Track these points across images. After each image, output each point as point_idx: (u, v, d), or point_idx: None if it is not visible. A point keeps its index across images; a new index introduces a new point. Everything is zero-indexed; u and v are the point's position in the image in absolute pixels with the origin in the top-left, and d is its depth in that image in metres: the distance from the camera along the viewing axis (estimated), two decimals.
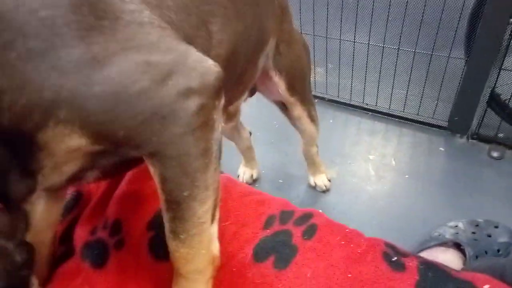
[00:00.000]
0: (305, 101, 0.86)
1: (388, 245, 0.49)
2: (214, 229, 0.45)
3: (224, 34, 0.50)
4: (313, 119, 0.92)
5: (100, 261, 0.51)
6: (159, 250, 0.50)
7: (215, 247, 0.45)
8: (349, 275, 0.44)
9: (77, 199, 0.62)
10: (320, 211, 0.57)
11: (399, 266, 0.45)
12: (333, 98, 1.48)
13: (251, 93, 0.85)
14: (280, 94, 0.80)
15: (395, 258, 0.45)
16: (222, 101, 0.42)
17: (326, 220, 0.53)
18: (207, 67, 0.39)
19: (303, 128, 0.94)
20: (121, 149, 0.39)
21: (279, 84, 0.78)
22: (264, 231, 0.51)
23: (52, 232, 0.51)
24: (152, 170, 0.39)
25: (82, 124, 0.34)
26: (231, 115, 1.01)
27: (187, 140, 0.37)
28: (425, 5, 1.15)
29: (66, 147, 0.35)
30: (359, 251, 0.46)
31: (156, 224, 0.54)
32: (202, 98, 0.38)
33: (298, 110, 0.86)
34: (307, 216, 0.53)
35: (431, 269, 0.46)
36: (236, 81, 0.61)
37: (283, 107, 0.88)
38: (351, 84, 1.41)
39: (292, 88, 0.80)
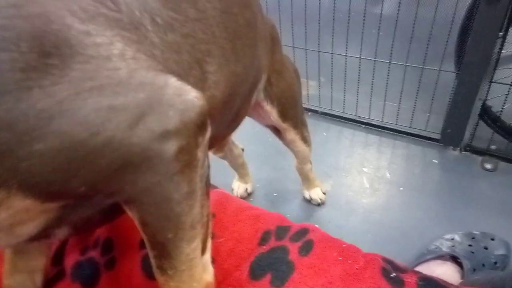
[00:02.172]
0: (298, 125, 0.86)
1: (386, 260, 0.48)
2: (206, 257, 0.42)
3: (221, 75, 0.47)
4: (306, 140, 0.92)
5: (91, 281, 0.50)
6: (152, 269, 0.49)
7: (209, 274, 0.43)
8: None
9: None
10: (316, 225, 0.57)
11: (398, 282, 0.44)
12: (326, 111, 1.49)
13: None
14: (272, 120, 0.80)
15: (394, 274, 0.45)
16: (208, 135, 0.38)
17: (322, 235, 0.52)
18: (187, 102, 0.34)
19: (296, 150, 0.94)
20: (88, 202, 0.35)
21: (271, 112, 0.77)
22: (260, 247, 0.50)
23: (44, 260, 0.50)
24: (129, 214, 0.36)
25: (22, 187, 0.28)
26: (221, 147, 1.01)
27: (166, 186, 0.34)
28: (415, 20, 1.16)
29: (7, 209, 0.30)
30: (357, 267, 0.45)
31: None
32: (182, 139, 0.33)
33: (291, 135, 0.86)
34: (303, 231, 0.52)
35: (430, 285, 0.45)
36: (230, 120, 0.59)
37: (276, 130, 0.88)
38: (344, 97, 1.42)
39: (284, 115, 0.79)
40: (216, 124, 0.50)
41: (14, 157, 0.27)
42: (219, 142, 0.60)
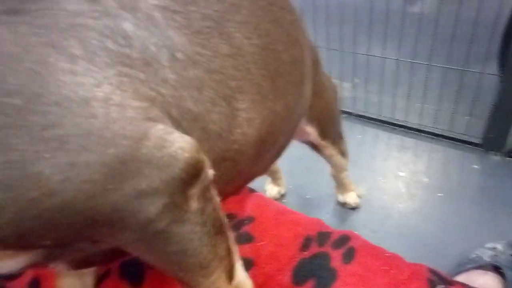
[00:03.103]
0: (336, 141, 0.85)
1: (432, 271, 0.47)
2: (239, 280, 0.40)
3: (256, 112, 0.43)
4: (343, 153, 0.92)
5: (137, 278, 0.52)
6: None
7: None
8: None
9: None
10: (350, 229, 0.56)
11: None
12: (361, 113, 1.47)
13: None
14: (310, 138, 0.80)
15: (442, 286, 0.44)
16: (206, 181, 0.34)
17: (364, 243, 0.52)
18: (169, 156, 0.30)
19: (334, 163, 0.94)
20: (73, 247, 0.32)
21: (311, 133, 0.76)
22: (302, 253, 0.51)
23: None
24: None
25: None
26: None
27: (152, 243, 0.31)
28: (456, 20, 1.13)
29: None
30: (402, 278, 0.45)
31: None
32: (163, 198, 0.29)
33: (329, 151, 0.86)
34: (344, 238, 0.52)
35: None
36: (273, 155, 0.57)
37: (313, 146, 0.87)
38: (380, 99, 1.39)
39: (323, 133, 0.78)
40: (253, 161, 0.48)
41: None
42: (260, 175, 0.57)
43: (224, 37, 0.40)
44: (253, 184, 0.75)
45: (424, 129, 1.35)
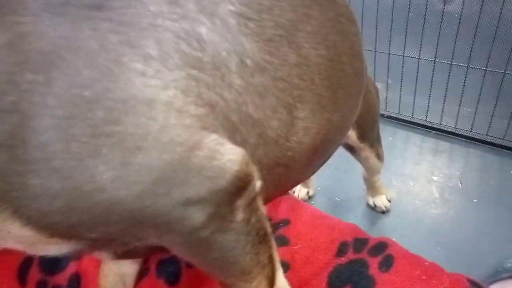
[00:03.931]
0: (374, 143, 0.85)
1: (472, 282, 0.46)
2: (280, 280, 0.40)
3: (313, 122, 0.43)
4: (379, 156, 0.90)
5: (174, 278, 0.53)
6: None
7: None
8: None
9: None
10: (381, 234, 0.55)
11: None
12: (393, 115, 1.44)
13: None
14: (349, 141, 0.79)
15: None
16: (254, 193, 0.34)
17: (402, 251, 0.51)
18: (218, 168, 0.30)
19: (368, 165, 0.93)
20: (117, 242, 0.33)
21: (350, 135, 0.75)
22: (338, 259, 0.50)
23: (137, 267, 0.53)
24: None
25: (17, 214, 0.27)
26: None
27: (197, 249, 0.32)
28: (498, 21, 1.09)
29: (7, 232, 0.29)
30: (440, 285, 0.44)
31: None
32: (210, 208, 0.30)
33: (366, 153, 0.85)
34: (382, 245, 0.52)
35: None
36: (321, 163, 0.57)
37: (349, 148, 0.87)
38: (414, 101, 1.36)
39: (362, 136, 0.78)
40: (304, 168, 0.48)
41: (6, 182, 0.26)
42: (305, 180, 0.58)
43: (293, 46, 0.40)
44: None
45: (460, 133, 1.31)
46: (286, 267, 0.50)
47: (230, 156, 0.31)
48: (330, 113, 0.46)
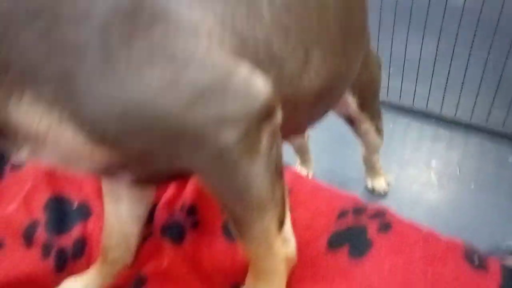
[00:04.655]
0: (374, 116, 0.86)
1: (469, 245, 0.48)
2: (286, 233, 0.43)
3: (325, 67, 0.46)
4: (379, 131, 0.91)
5: (179, 239, 0.54)
6: (231, 233, 0.53)
7: (290, 249, 0.44)
8: (429, 274, 0.43)
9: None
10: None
11: (481, 267, 0.43)
12: (394, 102, 1.45)
13: None
14: (349, 111, 0.80)
15: (477, 259, 0.44)
16: (277, 121, 0.37)
17: (401, 218, 0.53)
18: (252, 92, 0.34)
19: (368, 141, 0.94)
20: (149, 163, 0.36)
21: (351, 103, 0.76)
22: (338, 224, 0.52)
23: (139, 227, 0.54)
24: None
25: (73, 118, 0.30)
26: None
27: (225, 168, 0.35)
28: (501, 11, 1.10)
29: (57, 138, 0.32)
30: (438, 251, 0.46)
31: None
32: (241, 128, 0.33)
33: (367, 125, 0.86)
34: (381, 212, 0.53)
35: None
36: (323, 112, 0.60)
37: (349, 120, 0.87)
38: (415, 88, 1.37)
39: (363, 105, 0.79)
40: (308, 113, 0.51)
41: (71, 84, 0.29)
42: (306, 129, 0.62)
43: None
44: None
45: (459, 121, 1.33)
46: None
47: (262, 83, 0.34)
48: (340, 61, 0.50)
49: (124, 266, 0.53)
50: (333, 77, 0.49)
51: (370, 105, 0.81)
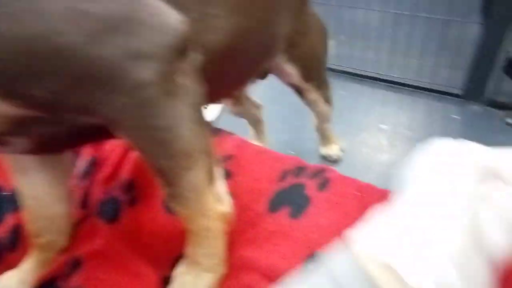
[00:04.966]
0: (321, 86, 0.85)
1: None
2: (219, 187, 0.41)
3: (227, 24, 0.45)
4: (328, 100, 0.91)
5: (113, 217, 0.52)
6: None
7: (225, 205, 0.42)
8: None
9: (93, 164, 0.63)
10: None
11: None
12: (344, 69, 1.46)
13: (263, 76, 0.83)
14: (293, 80, 0.78)
15: None
16: (192, 62, 0.35)
17: (339, 175, 0.53)
18: (166, 24, 0.32)
19: (318, 110, 0.94)
20: (58, 118, 0.33)
21: (292, 74, 0.75)
22: (278, 185, 0.51)
23: (66, 207, 0.51)
24: (119, 138, 0.35)
25: None
26: (237, 99, 1.00)
27: (145, 112, 0.32)
28: None
29: None
30: (372, 201, 0.46)
31: None
32: (157, 63, 0.31)
33: (313, 95, 0.85)
34: (320, 170, 0.53)
35: None
36: (242, 73, 0.58)
37: (298, 90, 0.86)
38: (364, 54, 1.39)
39: (306, 76, 0.77)
40: (223, 74, 0.50)
41: None
42: (229, 94, 0.60)
43: None
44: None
45: (407, 83, 1.36)
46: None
47: (176, 16, 0.33)
48: (247, 18, 0.48)
49: (60, 251, 0.50)
50: (240, 37, 0.47)
51: (313, 74, 0.80)
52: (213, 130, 0.63)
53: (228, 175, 0.55)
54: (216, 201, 0.40)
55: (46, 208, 0.48)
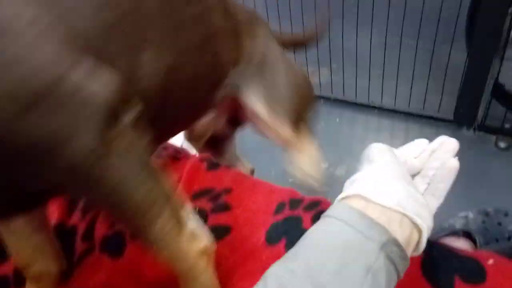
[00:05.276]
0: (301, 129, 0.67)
1: None
2: (190, 226, 0.40)
3: (154, 67, 0.42)
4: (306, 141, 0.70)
5: (117, 251, 0.54)
6: None
7: (200, 241, 0.41)
8: None
9: None
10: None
11: None
12: (338, 98, 1.50)
13: (235, 126, 0.77)
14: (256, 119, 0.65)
15: None
16: (129, 120, 0.33)
17: None
18: (91, 93, 0.31)
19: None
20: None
21: (256, 110, 0.62)
22: (275, 217, 0.53)
23: (42, 221, 0.51)
24: None
25: None
26: (197, 137, 0.83)
27: (93, 182, 0.32)
28: (424, 1, 1.17)
29: None
30: None
31: None
32: (92, 134, 0.30)
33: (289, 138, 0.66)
34: (315, 203, 0.55)
35: (435, 248, 0.47)
36: (182, 114, 0.55)
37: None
38: (356, 82, 1.43)
39: (274, 111, 0.62)
40: (166, 114, 0.47)
41: None
42: (179, 131, 0.59)
43: None
44: None
45: (399, 110, 1.39)
46: (229, 229, 0.53)
47: (102, 81, 0.32)
48: (175, 57, 0.45)
49: (57, 281, 0.51)
50: (175, 73, 0.45)
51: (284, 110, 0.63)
52: (212, 165, 0.65)
53: (227, 207, 0.57)
54: (190, 240, 0.40)
55: (27, 238, 0.49)
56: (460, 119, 1.28)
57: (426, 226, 0.36)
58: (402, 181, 0.38)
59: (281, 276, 0.33)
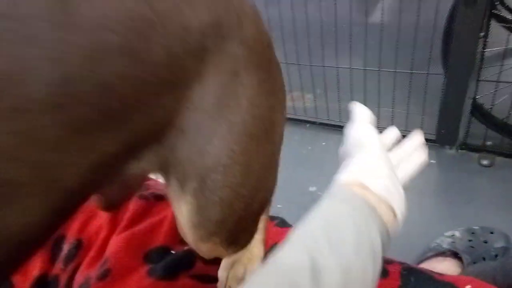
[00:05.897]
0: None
1: (407, 266, 0.51)
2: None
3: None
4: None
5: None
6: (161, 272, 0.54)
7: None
8: None
9: (78, 247, 0.62)
10: None
11: (381, 272, 0.47)
12: (323, 122, 1.53)
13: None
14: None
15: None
16: None
17: None
18: None
19: None
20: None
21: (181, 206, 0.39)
22: None
23: None
24: None
25: None
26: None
27: None
28: (399, 28, 1.21)
29: None
30: None
31: (152, 258, 0.57)
32: None
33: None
34: None
35: (413, 274, 0.48)
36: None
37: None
38: (339, 106, 1.46)
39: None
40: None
41: None
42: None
43: None
44: None
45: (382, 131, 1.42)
46: None
47: None
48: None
49: None
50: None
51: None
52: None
53: None
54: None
55: None
56: (442, 139, 1.30)
57: (402, 217, 0.43)
58: (391, 171, 0.43)
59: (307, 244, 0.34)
